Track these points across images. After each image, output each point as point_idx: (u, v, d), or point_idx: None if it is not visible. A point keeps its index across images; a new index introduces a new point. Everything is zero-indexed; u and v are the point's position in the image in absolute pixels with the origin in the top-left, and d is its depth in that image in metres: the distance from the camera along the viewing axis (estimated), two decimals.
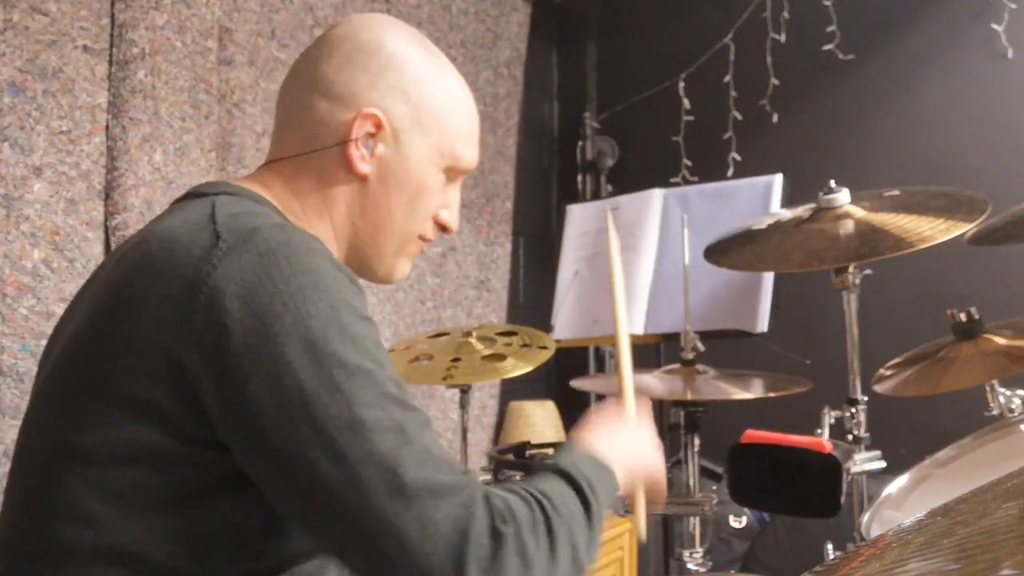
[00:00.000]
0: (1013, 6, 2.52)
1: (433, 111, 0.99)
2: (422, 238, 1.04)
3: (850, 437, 1.56)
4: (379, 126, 0.96)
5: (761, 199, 2.14)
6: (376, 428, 0.74)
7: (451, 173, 1.03)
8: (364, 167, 0.96)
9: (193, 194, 0.94)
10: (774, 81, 2.88)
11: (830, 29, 2.76)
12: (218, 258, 0.79)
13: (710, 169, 2.95)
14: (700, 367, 1.67)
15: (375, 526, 0.72)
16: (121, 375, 0.79)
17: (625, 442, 0.98)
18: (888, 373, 1.69)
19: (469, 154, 1.03)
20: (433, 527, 0.72)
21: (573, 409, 3.04)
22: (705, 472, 2.35)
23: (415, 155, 0.98)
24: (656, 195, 2.33)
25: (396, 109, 0.97)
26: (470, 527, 0.73)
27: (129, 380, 0.79)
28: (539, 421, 2.85)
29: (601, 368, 3.19)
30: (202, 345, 0.76)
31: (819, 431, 1.51)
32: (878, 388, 1.66)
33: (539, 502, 0.79)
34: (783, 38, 2.86)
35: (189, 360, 0.77)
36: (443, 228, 1.06)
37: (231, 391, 0.75)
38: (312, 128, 0.97)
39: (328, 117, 0.96)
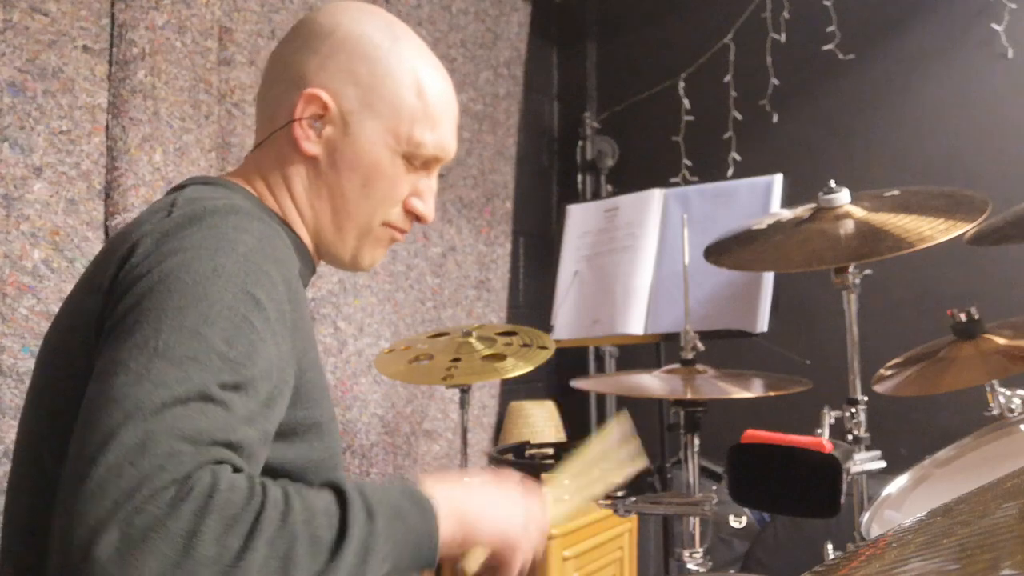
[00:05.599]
0: (1013, 6, 2.52)
1: (385, 94, 0.97)
2: (391, 226, 1.02)
3: (850, 437, 1.56)
4: (325, 108, 0.96)
5: (761, 199, 2.14)
6: (152, 379, 0.69)
7: (413, 160, 1.00)
8: (310, 147, 0.98)
9: (174, 187, 0.98)
10: (774, 81, 2.88)
11: (830, 29, 2.76)
12: (157, 226, 0.83)
13: (710, 169, 2.95)
14: (700, 367, 1.67)
15: (78, 461, 0.67)
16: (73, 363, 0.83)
17: (487, 499, 0.86)
18: (888, 373, 1.69)
19: (432, 140, 1.00)
20: (122, 472, 0.64)
21: (573, 409, 3.05)
22: (705, 472, 2.35)
23: (365, 138, 0.97)
24: (656, 195, 2.33)
25: (344, 91, 0.97)
26: (146, 485, 0.64)
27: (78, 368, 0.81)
28: (539, 421, 2.86)
29: (601, 368, 3.19)
30: (107, 284, 0.81)
31: (819, 431, 1.50)
32: (878, 388, 1.66)
33: (264, 500, 0.68)
34: (783, 38, 2.86)
35: (98, 313, 0.81)
36: (416, 217, 1.04)
37: (109, 312, 0.79)
38: (271, 111, 1.00)
39: (282, 98, 0.99)
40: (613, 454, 1.08)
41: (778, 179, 2.15)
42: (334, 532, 0.71)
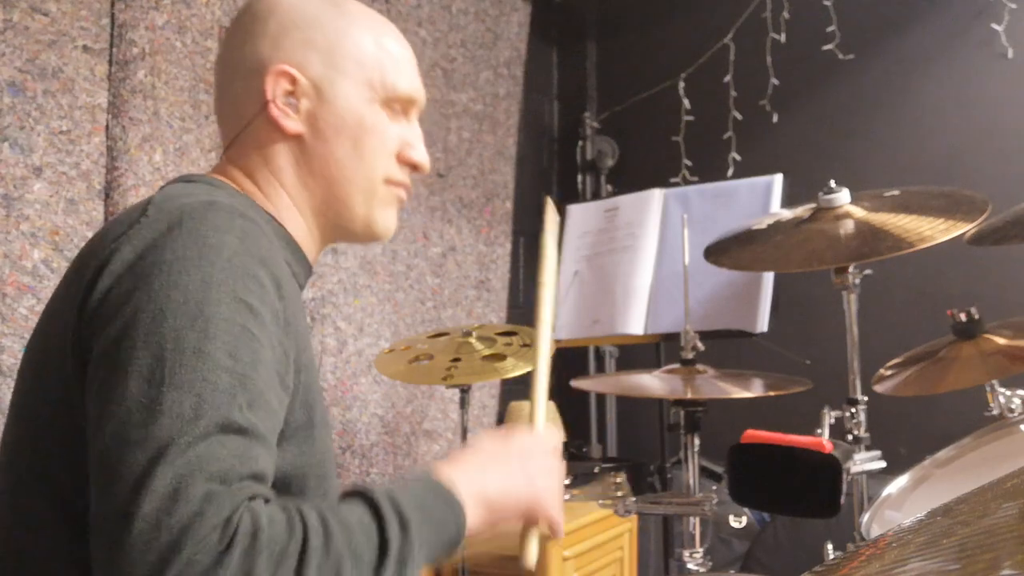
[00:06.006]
0: (1013, 6, 2.52)
1: (346, 50, 0.97)
2: (392, 182, 1.01)
3: (850, 437, 1.56)
4: (294, 81, 0.95)
5: (761, 199, 2.15)
6: (168, 412, 0.69)
7: (393, 105, 1.00)
8: (292, 124, 0.96)
9: (162, 187, 0.96)
10: (774, 81, 2.88)
11: (830, 29, 2.76)
12: (134, 229, 0.80)
13: (710, 169, 2.95)
14: (700, 367, 1.67)
15: (110, 511, 0.66)
16: (50, 368, 0.82)
17: (501, 472, 0.88)
18: (888, 373, 1.69)
19: (404, 81, 1.00)
20: (161, 524, 0.64)
21: (573, 409, 3.05)
22: (705, 472, 2.35)
23: (342, 98, 0.96)
24: (656, 195, 2.33)
25: (307, 60, 0.96)
26: (190, 535, 0.64)
27: (55, 375, 0.81)
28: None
29: (601, 368, 3.19)
30: (81, 303, 0.79)
31: (819, 431, 1.51)
32: (878, 388, 1.66)
33: (306, 529, 0.69)
34: (783, 38, 2.86)
35: (73, 322, 0.79)
36: (414, 167, 1.03)
37: (89, 338, 0.77)
38: (238, 108, 0.98)
39: (245, 90, 0.97)
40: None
41: (778, 179, 2.15)
42: (374, 548, 0.72)
